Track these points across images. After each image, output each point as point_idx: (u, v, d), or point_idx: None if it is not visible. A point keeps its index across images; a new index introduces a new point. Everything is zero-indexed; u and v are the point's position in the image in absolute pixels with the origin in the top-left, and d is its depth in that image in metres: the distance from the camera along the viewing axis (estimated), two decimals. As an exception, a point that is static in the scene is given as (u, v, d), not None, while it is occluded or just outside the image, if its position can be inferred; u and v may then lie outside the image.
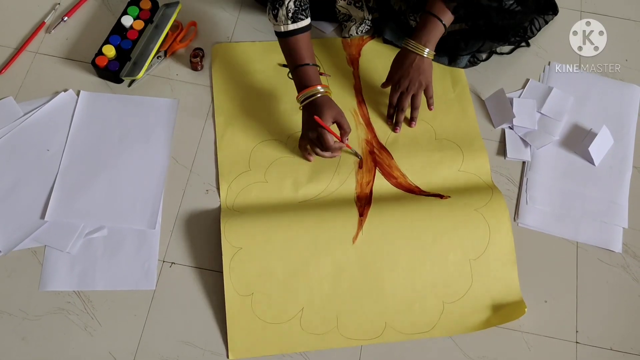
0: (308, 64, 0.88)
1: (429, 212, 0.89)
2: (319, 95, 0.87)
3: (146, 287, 0.85)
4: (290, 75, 0.91)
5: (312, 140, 0.89)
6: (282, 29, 0.87)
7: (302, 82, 0.88)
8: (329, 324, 0.83)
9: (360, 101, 1.02)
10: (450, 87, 1.04)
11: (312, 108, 0.87)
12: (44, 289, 0.84)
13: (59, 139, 0.95)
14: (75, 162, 0.93)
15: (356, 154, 0.95)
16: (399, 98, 0.97)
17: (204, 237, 0.89)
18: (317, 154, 0.91)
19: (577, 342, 0.86)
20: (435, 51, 0.94)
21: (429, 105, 0.99)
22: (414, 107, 0.98)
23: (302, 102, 0.89)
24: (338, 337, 0.83)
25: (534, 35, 1.09)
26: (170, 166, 0.95)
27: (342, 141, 0.90)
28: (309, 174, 0.94)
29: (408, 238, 0.87)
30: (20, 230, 0.87)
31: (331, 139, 0.87)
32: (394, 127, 0.99)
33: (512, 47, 1.08)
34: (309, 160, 0.94)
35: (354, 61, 1.06)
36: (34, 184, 0.91)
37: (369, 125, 1.00)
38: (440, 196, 0.92)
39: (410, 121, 0.99)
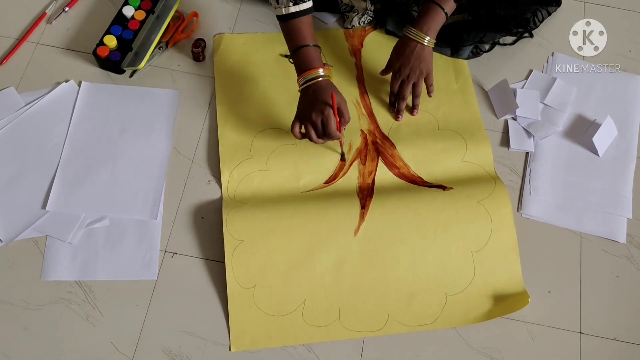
0: (309, 45, 0.85)
1: (432, 205, 0.88)
2: (320, 79, 0.84)
3: (148, 277, 0.85)
4: (291, 60, 0.88)
5: (313, 122, 0.84)
6: (284, 11, 0.84)
7: (303, 65, 0.85)
8: (331, 316, 0.83)
9: (363, 92, 1.02)
10: (453, 78, 1.04)
11: (314, 91, 0.83)
12: (46, 278, 0.84)
13: (60, 129, 0.94)
14: (77, 152, 0.93)
15: (342, 154, 0.91)
16: (400, 86, 0.96)
17: (205, 227, 0.89)
18: (310, 138, 0.85)
19: (581, 333, 0.85)
20: (437, 42, 0.93)
21: (429, 93, 0.99)
22: (415, 95, 0.97)
23: (302, 85, 0.85)
24: (340, 329, 0.83)
25: (536, 26, 1.08)
26: (171, 157, 0.94)
27: (340, 130, 0.85)
28: (311, 163, 0.93)
29: (410, 230, 0.87)
30: (21, 220, 0.87)
31: (335, 124, 0.83)
32: (396, 115, 0.98)
33: (515, 38, 1.08)
34: (297, 137, 0.87)
35: (356, 52, 1.06)
36: (35, 174, 0.91)
37: (371, 115, 0.99)
38: (443, 187, 0.91)
39: (412, 109, 0.99)
